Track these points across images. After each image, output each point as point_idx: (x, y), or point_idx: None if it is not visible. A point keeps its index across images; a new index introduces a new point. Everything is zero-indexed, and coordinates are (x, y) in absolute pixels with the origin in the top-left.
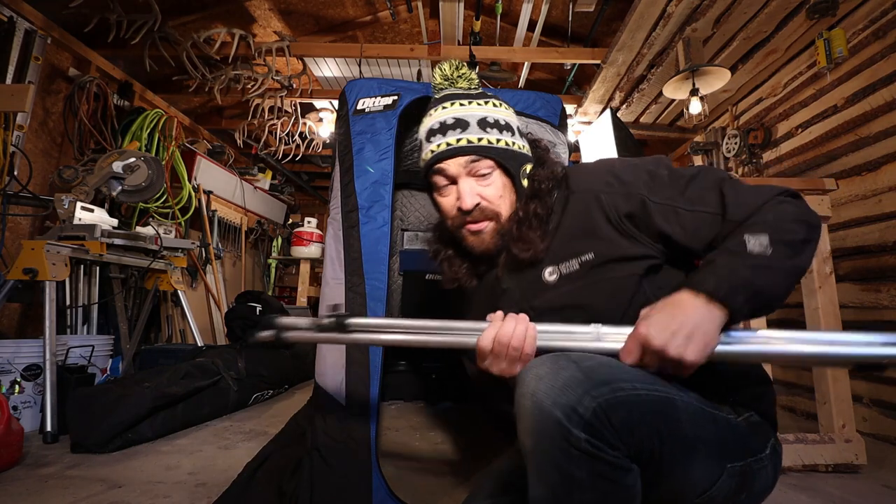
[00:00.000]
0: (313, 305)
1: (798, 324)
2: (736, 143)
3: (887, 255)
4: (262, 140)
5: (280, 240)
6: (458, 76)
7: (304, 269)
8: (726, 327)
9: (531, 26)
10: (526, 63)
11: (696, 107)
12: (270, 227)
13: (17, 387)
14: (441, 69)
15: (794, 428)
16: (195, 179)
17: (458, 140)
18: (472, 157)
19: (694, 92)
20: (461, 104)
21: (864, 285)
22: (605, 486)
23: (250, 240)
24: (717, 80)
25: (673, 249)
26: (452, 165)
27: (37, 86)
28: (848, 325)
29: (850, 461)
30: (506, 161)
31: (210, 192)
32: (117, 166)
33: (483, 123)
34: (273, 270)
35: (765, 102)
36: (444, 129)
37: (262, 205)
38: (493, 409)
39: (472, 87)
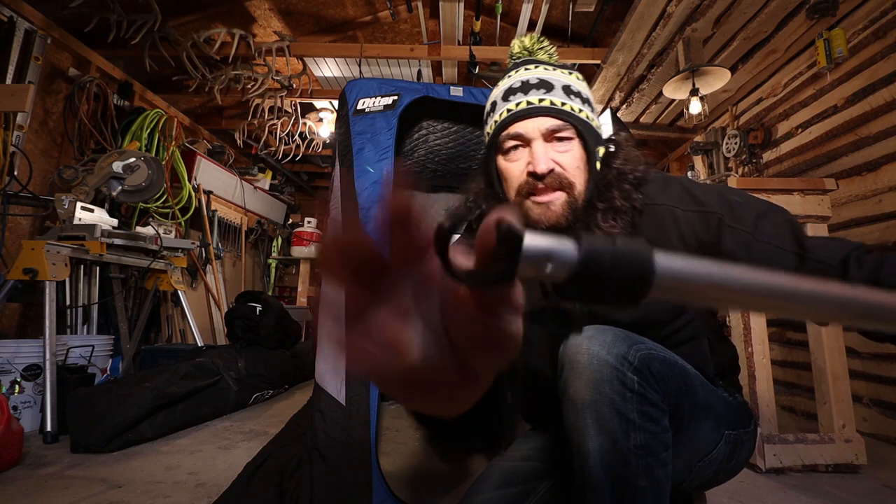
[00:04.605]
0: (313, 306)
1: (798, 326)
2: (736, 143)
3: None
4: (262, 140)
5: (280, 240)
6: (539, 49)
7: (304, 269)
8: None
9: (531, 26)
10: None
11: (696, 107)
12: (270, 227)
13: (17, 387)
14: (521, 41)
15: (794, 428)
16: (195, 179)
17: (541, 100)
18: (554, 120)
19: (694, 92)
20: (545, 69)
21: None
22: (653, 427)
23: (250, 240)
24: (717, 80)
25: None
26: (530, 125)
27: (37, 86)
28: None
29: (850, 461)
30: (587, 133)
31: (210, 192)
32: (117, 166)
33: (568, 90)
34: (273, 270)
35: (765, 102)
36: (526, 87)
37: (262, 205)
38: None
39: (553, 60)
